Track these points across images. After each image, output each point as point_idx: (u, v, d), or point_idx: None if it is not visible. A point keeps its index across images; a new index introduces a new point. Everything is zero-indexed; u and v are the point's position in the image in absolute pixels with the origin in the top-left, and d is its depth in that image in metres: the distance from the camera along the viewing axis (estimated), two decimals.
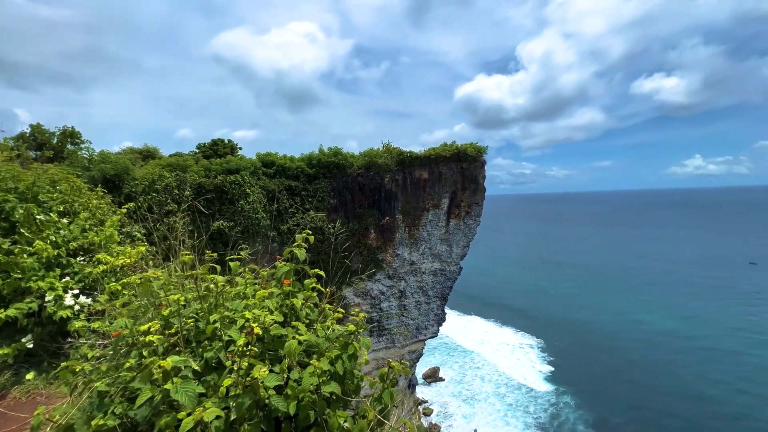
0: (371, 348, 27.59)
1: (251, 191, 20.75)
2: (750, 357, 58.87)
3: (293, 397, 1.67)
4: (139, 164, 20.75)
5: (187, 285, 2.42)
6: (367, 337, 2.49)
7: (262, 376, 1.63)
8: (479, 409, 53.30)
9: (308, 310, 2.72)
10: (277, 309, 2.49)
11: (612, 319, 79.74)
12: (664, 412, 48.08)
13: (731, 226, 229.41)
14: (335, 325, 2.55)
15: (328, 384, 1.80)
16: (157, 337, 1.72)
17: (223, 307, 2.10)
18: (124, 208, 6.40)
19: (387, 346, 29.37)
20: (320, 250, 24.44)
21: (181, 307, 1.98)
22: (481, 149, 27.98)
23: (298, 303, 2.60)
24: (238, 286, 2.57)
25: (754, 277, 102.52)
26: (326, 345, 2.32)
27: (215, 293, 2.14)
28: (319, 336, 2.38)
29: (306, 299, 2.79)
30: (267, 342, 2.12)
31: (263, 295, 2.50)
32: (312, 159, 25.53)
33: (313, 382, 1.75)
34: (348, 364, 2.16)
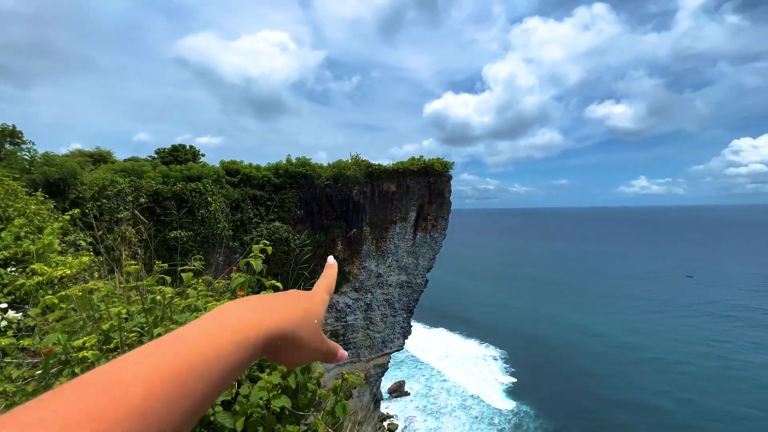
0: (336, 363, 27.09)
1: (213, 200, 19.94)
2: (691, 366, 63.78)
3: (242, 413, 1.59)
4: (89, 168, 19.33)
5: (132, 297, 2.25)
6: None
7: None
8: (445, 423, 53.35)
9: None
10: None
11: (567, 330, 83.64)
12: (616, 421, 50.73)
13: (670, 242, 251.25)
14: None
15: (278, 398, 1.74)
16: (92, 353, 1.57)
17: (170, 320, 1.97)
18: (68, 214, 5.91)
19: (352, 360, 28.83)
20: (285, 261, 23.82)
21: (123, 321, 1.84)
22: (447, 164, 28.83)
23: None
24: (189, 299, 2.41)
25: (691, 289, 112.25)
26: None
27: (162, 306, 1.99)
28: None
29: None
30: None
31: (213, 306, 2.34)
32: (279, 169, 25.07)
33: (263, 397, 1.69)
34: (301, 378, 2.08)
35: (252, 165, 25.41)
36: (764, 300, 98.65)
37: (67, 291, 2.11)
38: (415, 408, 57.72)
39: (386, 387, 61.05)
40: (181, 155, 28.92)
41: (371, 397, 30.76)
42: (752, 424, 47.78)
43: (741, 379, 58.26)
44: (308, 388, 2.06)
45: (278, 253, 23.48)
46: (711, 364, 64.05)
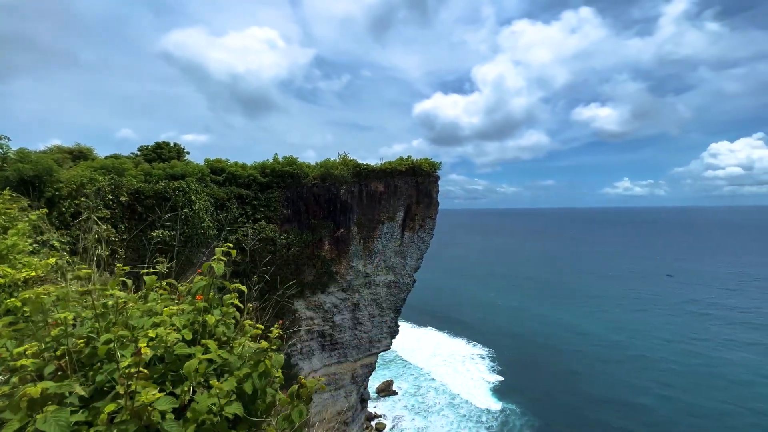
0: (324, 363, 26.68)
1: (197, 199, 19.57)
2: (671, 364, 65.63)
3: (192, 420, 1.56)
4: (68, 165, 18.74)
5: (86, 302, 2.18)
6: (280, 355, 2.41)
7: (149, 399, 1.51)
8: (433, 421, 53.63)
9: (224, 327, 2.57)
10: (188, 326, 2.35)
11: (553, 329, 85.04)
12: (600, 417, 51.81)
13: (651, 243, 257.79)
14: (248, 343, 2.40)
15: (230, 405, 1.71)
16: (31, 361, 1.51)
17: (124, 326, 1.92)
18: (34, 214, 5.70)
19: (339, 360, 28.73)
20: (271, 261, 23.56)
21: (71, 327, 1.78)
22: (435, 164, 28.94)
23: (211, 320, 2.44)
24: (150, 302, 2.37)
25: (672, 288, 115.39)
26: (238, 364, 2.21)
27: (115, 310, 1.94)
28: (233, 354, 2.26)
29: (223, 315, 2.64)
30: (169, 362, 1.98)
31: (170, 312, 2.34)
32: (265, 167, 24.77)
33: (214, 403, 1.66)
34: (258, 383, 2.07)
35: (238, 163, 25.05)
36: (740, 299, 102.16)
37: (21, 294, 2.03)
38: (403, 407, 57.87)
39: (374, 387, 61.07)
40: (165, 153, 28.28)
41: (358, 397, 30.71)
42: (728, 419, 49.42)
43: (718, 376, 60.20)
44: (267, 394, 2.03)
45: (264, 253, 23.22)
46: (690, 361, 65.99)
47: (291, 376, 24.51)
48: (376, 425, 53.24)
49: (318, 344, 27.42)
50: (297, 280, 24.87)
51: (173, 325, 2.17)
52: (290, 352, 25.55)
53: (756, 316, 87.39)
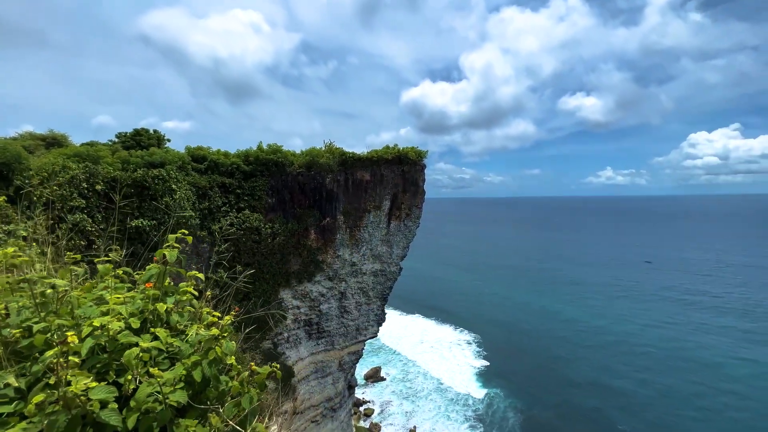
0: (311, 351, 26.78)
1: (178, 187, 19.09)
2: (649, 348, 68.47)
3: (136, 410, 1.52)
4: (40, 153, 17.97)
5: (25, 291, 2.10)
6: (231, 342, 2.37)
7: (79, 389, 1.46)
8: (421, 406, 54.93)
9: (177, 315, 2.50)
10: (136, 315, 2.28)
11: (537, 315, 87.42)
12: (580, 400, 53.92)
13: (632, 231, 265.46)
14: (201, 331, 2.35)
15: (175, 393, 1.68)
16: None
17: (70, 315, 1.85)
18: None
19: (326, 348, 28.92)
20: (256, 251, 23.34)
21: (4, 316, 1.71)
22: (421, 153, 28.88)
23: (162, 308, 2.37)
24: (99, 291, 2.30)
25: (650, 275, 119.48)
26: (189, 351, 2.18)
27: (56, 299, 1.87)
28: (185, 342, 2.22)
29: (177, 303, 2.57)
30: (112, 351, 1.93)
31: (117, 300, 2.27)
32: (249, 155, 24.30)
33: (157, 391, 1.62)
34: (208, 371, 2.03)
35: (220, 151, 24.48)
36: (713, 285, 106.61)
37: None
38: (392, 393, 59.01)
39: (362, 373, 61.94)
40: (144, 140, 27.40)
41: (346, 384, 31.09)
42: (700, 400, 52.11)
43: (691, 359, 63.15)
44: (220, 381, 2.00)
45: (249, 243, 22.96)
46: (666, 345, 68.90)
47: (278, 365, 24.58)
48: (364, 411, 54.21)
49: (305, 333, 27.50)
50: (281, 269, 24.73)
51: (120, 314, 2.11)
52: (277, 341, 25.57)
53: (727, 301, 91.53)
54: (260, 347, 23.58)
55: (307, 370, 27.77)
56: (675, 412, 49.38)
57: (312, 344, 28.09)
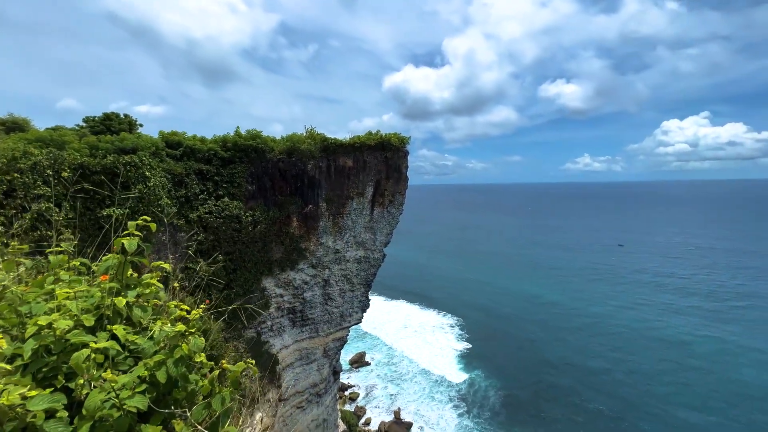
0: (295, 339, 26.72)
1: (152, 174, 18.31)
2: (621, 329, 72.01)
3: (88, 418, 1.39)
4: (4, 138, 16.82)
5: None
6: (200, 338, 2.19)
7: (12, 401, 1.32)
8: (405, 389, 56.26)
9: (139, 310, 2.27)
10: (93, 311, 2.07)
11: (517, 299, 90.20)
12: (556, 379, 56.51)
13: (607, 215, 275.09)
14: (165, 327, 2.16)
15: (133, 398, 1.54)
16: None
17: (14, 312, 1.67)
18: None
19: (311, 335, 28.96)
20: (237, 239, 22.86)
21: None
22: (404, 139, 28.68)
23: (121, 303, 2.14)
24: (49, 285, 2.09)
25: (623, 258, 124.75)
26: (153, 349, 2.00)
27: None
28: (148, 340, 2.04)
29: (139, 297, 2.37)
30: (60, 353, 1.72)
31: (65, 295, 2.02)
32: (227, 141, 23.50)
33: (111, 397, 1.49)
34: (174, 370, 1.87)
35: (196, 137, 23.57)
36: (681, 267, 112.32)
37: None
38: (376, 376, 60.12)
39: (347, 358, 62.68)
40: (114, 125, 26.05)
41: (330, 370, 31.36)
42: (667, 377, 55.50)
43: (660, 338, 66.85)
44: (189, 380, 1.87)
45: (229, 231, 22.44)
46: (637, 325, 72.56)
47: (262, 353, 24.50)
48: (349, 395, 55.09)
49: (289, 320, 27.40)
50: (262, 257, 24.37)
51: (71, 311, 1.92)
52: (260, 329, 25.39)
53: (694, 282, 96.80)
54: (243, 336, 23.37)
55: (291, 357, 27.80)
56: (644, 389, 52.51)
57: (296, 332, 28.06)
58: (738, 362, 57.15)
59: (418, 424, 48.40)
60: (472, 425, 47.62)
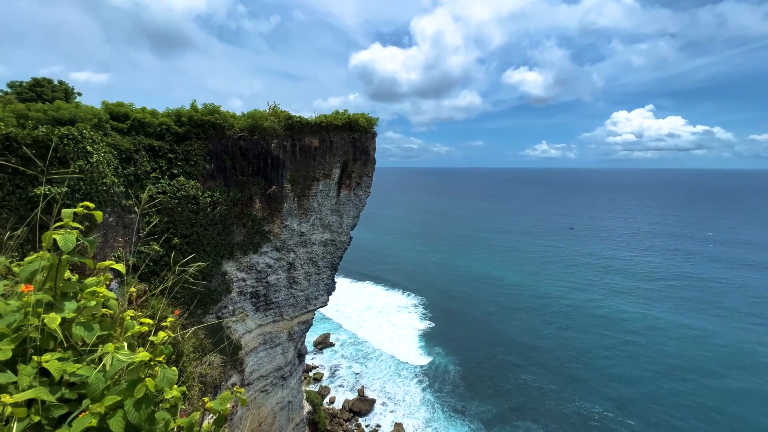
0: (258, 323, 26.07)
1: (94, 149, 16.52)
2: (570, 309, 77.77)
3: None
4: None
5: None
6: (172, 369, 1.73)
7: None
8: (370, 367, 57.53)
9: (81, 328, 1.73)
10: (10, 336, 1.52)
11: (475, 280, 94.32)
12: (510, 354, 60.37)
13: (560, 200, 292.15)
14: (121, 353, 1.64)
15: None
16: None
17: None
18: None
19: (275, 319, 28.42)
20: (194, 221, 21.53)
21: None
22: (372, 120, 28.09)
23: (54, 322, 1.60)
24: None
25: (574, 241, 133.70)
26: (103, 386, 1.52)
27: None
28: (96, 371, 1.52)
29: (81, 309, 1.82)
30: None
31: None
32: (182, 115, 21.72)
33: None
34: (135, 416, 1.44)
35: (146, 109, 21.54)
36: (624, 250, 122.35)
37: None
38: (341, 357, 60.90)
39: (312, 340, 62.75)
40: (47, 92, 23.23)
41: (296, 353, 31.17)
42: (604, 351, 61.20)
43: (601, 317, 73.09)
44: (156, 422, 1.48)
45: (185, 212, 21.05)
46: (583, 305, 78.75)
47: (223, 339, 23.70)
48: (314, 375, 55.46)
49: (251, 305, 26.63)
50: (223, 240, 23.24)
51: None
52: (221, 314, 24.48)
53: (634, 264, 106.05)
54: (203, 322, 22.43)
55: (255, 342, 27.20)
56: (587, 362, 57.64)
57: (260, 316, 27.40)
58: (666, 337, 64.09)
59: (381, 400, 49.94)
60: (433, 399, 49.99)
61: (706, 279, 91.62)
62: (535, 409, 47.39)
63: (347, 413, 47.00)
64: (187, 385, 16.58)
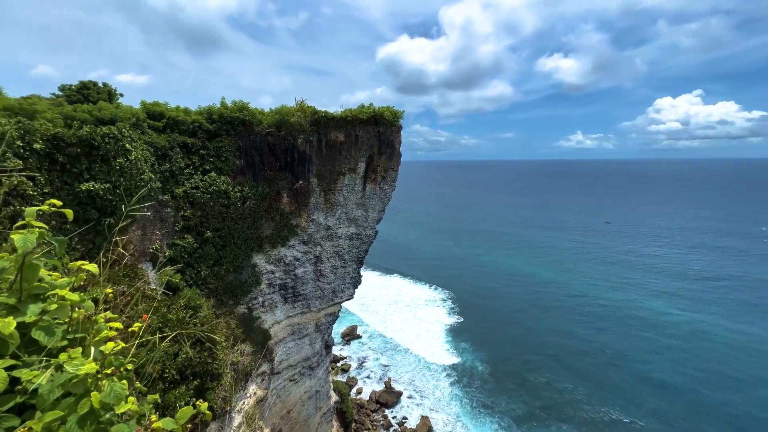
0: (287, 314, 26.77)
1: (133, 147, 17.42)
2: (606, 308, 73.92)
3: None
4: None
5: None
6: (120, 382, 1.61)
7: None
8: (397, 360, 57.92)
9: (42, 333, 1.65)
10: None
11: (506, 275, 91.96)
12: (541, 353, 58.49)
13: (597, 193, 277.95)
14: (71, 363, 1.54)
15: None
16: None
17: None
18: None
19: (303, 311, 29.09)
20: (225, 215, 22.31)
21: None
22: (397, 113, 27.80)
23: (8, 326, 1.51)
24: None
25: (610, 236, 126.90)
26: (53, 397, 1.45)
27: None
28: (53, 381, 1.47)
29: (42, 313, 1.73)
30: None
31: None
32: (212, 113, 22.47)
33: None
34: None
35: (180, 108, 22.46)
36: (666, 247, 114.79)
37: None
38: (368, 349, 61.63)
39: (340, 332, 63.89)
40: (93, 94, 24.63)
41: (323, 344, 31.80)
42: (643, 354, 57.84)
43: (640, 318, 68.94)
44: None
45: (217, 207, 21.85)
46: (620, 304, 74.60)
47: (253, 329, 24.56)
48: (341, 366, 56.53)
49: (280, 296, 27.38)
50: (252, 234, 23.94)
51: None
52: (252, 305, 25.33)
53: (678, 262, 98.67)
54: (234, 312, 23.30)
55: (283, 332, 27.99)
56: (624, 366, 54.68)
57: (288, 307, 28.13)
58: (714, 343, 59.05)
59: (407, 393, 50.15)
60: (461, 394, 49.55)
61: (760, 279, 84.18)
62: (565, 411, 45.75)
63: (374, 404, 47.61)
64: (219, 372, 17.34)
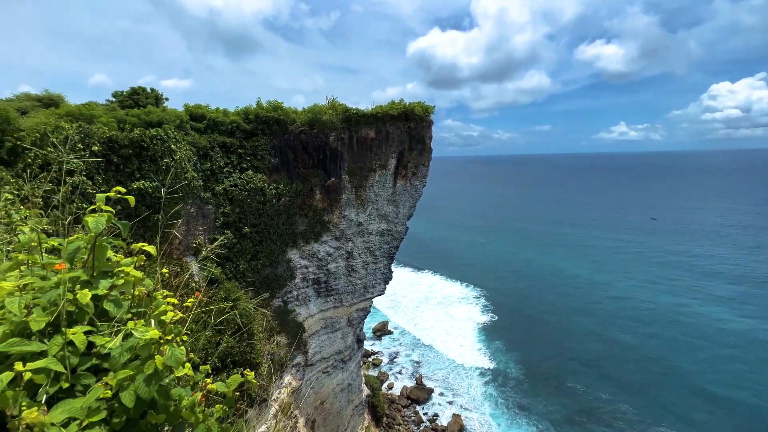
0: (320, 308, 27.47)
1: (177, 147, 18.53)
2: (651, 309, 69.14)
3: None
4: (35, 113, 17.36)
5: None
6: (179, 348, 1.80)
7: None
8: (429, 357, 57.78)
9: (112, 305, 1.88)
10: (48, 308, 1.67)
11: (542, 273, 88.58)
12: (578, 354, 55.92)
13: (641, 187, 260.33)
14: (139, 329, 1.74)
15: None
16: None
17: None
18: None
19: (335, 305, 29.71)
20: (262, 212, 23.19)
21: None
22: (428, 108, 27.53)
23: (85, 297, 1.74)
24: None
25: (655, 236, 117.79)
26: (124, 359, 1.63)
27: None
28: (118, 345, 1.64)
29: (112, 288, 1.96)
30: None
31: (8, 289, 1.64)
32: (249, 113, 23.38)
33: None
34: (145, 390, 1.53)
35: (219, 109, 23.56)
36: (721, 247, 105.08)
37: None
38: (400, 344, 61.90)
39: (371, 327, 64.62)
40: (141, 99, 26.44)
41: (354, 338, 32.34)
42: (691, 361, 53.61)
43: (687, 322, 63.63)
44: (170, 397, 1.55)
45: (254, 203, 22.76)
46: (666, 307, 69.21)
47: (288, 321, 25.42)
48: (373, 360, 57.21)
49: (313, 291, 28.12)
50: (287, 229, 24.70)
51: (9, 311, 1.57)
52: (287, 299, 26.22)
53: (736, 264, 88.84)
54: (271, 305, 24.23)
55: (317, 325, 28.76)
56: (673, 374, 50.92)
57: (321, 301, 28.83)
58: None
59: (439, 390, 49.88)
60: (496, 394, 48.55)
61: None
62: (605, 419, 43.30)
63: (405, 400, 47.81)
64: (257, 361, 18.12)
